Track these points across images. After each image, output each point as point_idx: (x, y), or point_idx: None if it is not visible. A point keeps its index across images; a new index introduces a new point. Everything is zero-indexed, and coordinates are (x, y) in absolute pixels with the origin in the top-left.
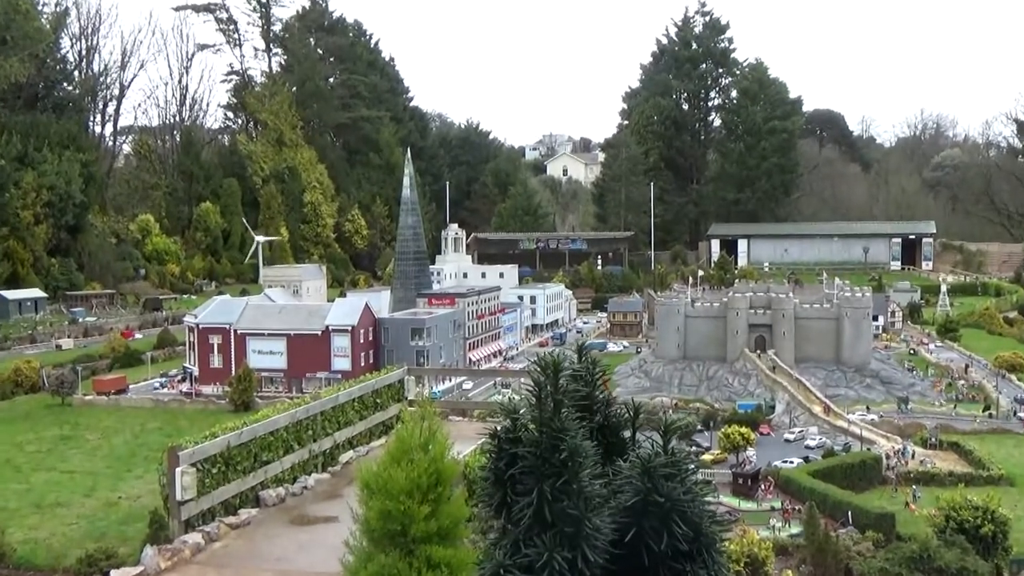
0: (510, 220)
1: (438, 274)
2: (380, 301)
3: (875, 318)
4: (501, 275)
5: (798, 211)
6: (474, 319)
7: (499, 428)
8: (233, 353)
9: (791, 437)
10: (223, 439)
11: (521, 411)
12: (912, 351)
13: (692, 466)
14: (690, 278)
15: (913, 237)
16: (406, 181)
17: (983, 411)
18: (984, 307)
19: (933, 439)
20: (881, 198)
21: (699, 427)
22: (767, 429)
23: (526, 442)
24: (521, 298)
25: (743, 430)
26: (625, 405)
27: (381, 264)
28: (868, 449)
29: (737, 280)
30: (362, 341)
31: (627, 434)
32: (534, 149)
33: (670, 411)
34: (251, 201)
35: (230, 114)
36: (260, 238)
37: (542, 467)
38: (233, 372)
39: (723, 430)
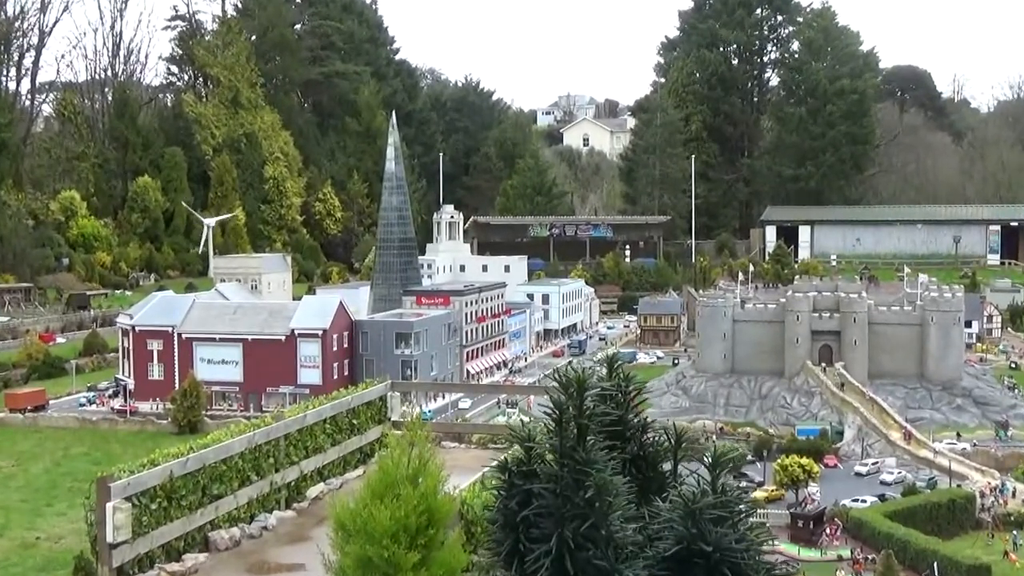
0: (518, 201)
1: (429, 267)
2: (358, 299)
3: (968, 324)
4: (507, 268)
5: (873, 191)
6: (473, 322)
7: (509, 458)
8: (177, 362)
9: (863, 470)
10: (164, 468)
11: (537, 438)
12: (1014, 364)
13: (746, 507)
14: (739, 273)
15: (1016, 224)
16: (390, 152)
17: None
18: None
19: None
20: (976, 175)
21: (750, 457)
22: (834, 460)
23: (543, 476)
24: (531, 297)
25: (804, 461)
26: (665, 431)
27: (359, 254)
28: (958, 486)
29: (797, 276)
30: (335, 349)
31: (667, 467)
32: (548, 113)
33: (714, 438)
34: (199, 176)
35: (174, 68)
36: (210, 221)
37: (563, 507)
38: (177, 385)
39: (779, 461)
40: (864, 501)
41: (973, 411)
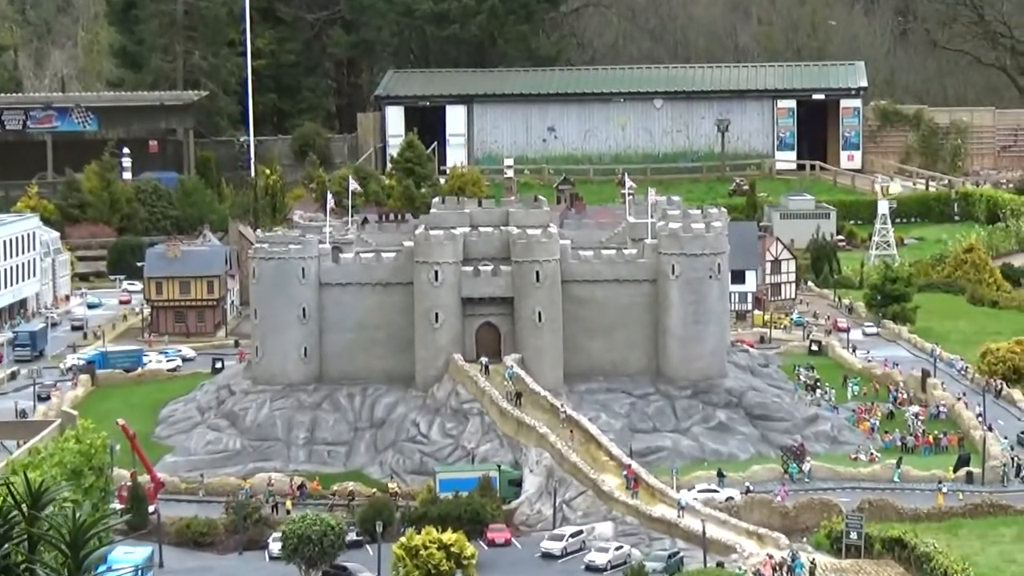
0: None
1: None
2: None
3: (738, 277)
4: None
5: (578, 44)
6: None
7: None
8: None
9: (555, 548)
10: None
11: None
12: (815, 346)
13: None
14: (333, 197)
15: (822, 99)
16: None
17: (955, 469)
18: (965, 246)
19: (853, 534)
20: (758, 13)
21: (353, 536)
22: (504, 533)
23: None
24: None
25: (450, 538)
26: (10, 490)
27: None
28: (720, 564)
29: (440, 198)
30: None
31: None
32: None
33: (289, 503)
34: None
35: None
36: None
37: None
38: None
39: (405, 539)
40: None
41: (746, 431)
